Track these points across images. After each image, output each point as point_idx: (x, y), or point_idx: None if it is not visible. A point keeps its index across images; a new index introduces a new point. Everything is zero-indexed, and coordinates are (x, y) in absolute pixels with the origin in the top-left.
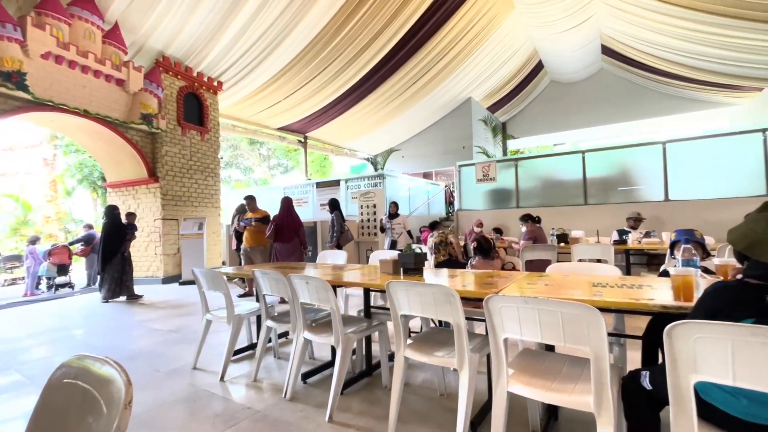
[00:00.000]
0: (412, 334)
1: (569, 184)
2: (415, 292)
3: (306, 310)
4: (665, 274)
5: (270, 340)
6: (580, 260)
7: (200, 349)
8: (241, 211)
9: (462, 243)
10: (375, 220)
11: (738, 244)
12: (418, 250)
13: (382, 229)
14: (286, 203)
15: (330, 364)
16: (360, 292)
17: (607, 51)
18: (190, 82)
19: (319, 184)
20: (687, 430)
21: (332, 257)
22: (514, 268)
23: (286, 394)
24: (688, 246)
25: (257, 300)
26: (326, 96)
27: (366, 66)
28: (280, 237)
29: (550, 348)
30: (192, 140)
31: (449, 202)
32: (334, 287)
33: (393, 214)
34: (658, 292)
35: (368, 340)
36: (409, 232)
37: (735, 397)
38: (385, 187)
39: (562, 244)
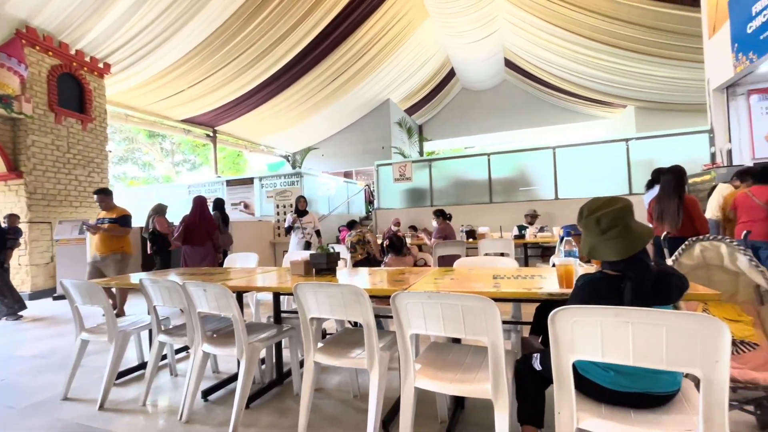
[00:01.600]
0: (328, 336)
1: (477, 183)
2: (324, 293)
3: (209, 320)
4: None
5: (165, 357)
6: (486, 254)
7: (73, 374)
8: (157, 211)
9: (380, 241)
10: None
11: (586, 253)
12: (331, 250)
13: (289, 230)
14: (199, 202)
15: (237, 377)
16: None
17: (509, 64)
18: (67, 60)
19: (230, 182)
20: (567, 402)
21: (243, 260)
22: (425, 264)
23: (181, 416)
24: (569, 239)
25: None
26: (238, 87)
27: (281, 60)
28: (190, 239)
29: (457, 339)
30: (70, 129)
31: (369, 201)
32: (241, 293)
33: (302, 211)
34: (547, 281)
35: (279, 347)
36: (317, 232)
37: (605, 370)
38: (303, 185)
39: (471, 240)
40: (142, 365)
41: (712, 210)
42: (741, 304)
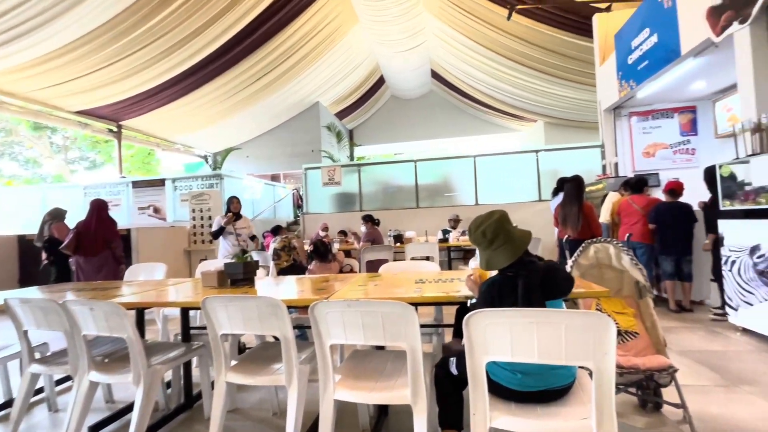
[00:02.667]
0: (247, 349)
1: (405, 189)
2: (236, 306)
3: (100, 343)
4: None
5: (42, 390)
6: (412, 258)
7: None
8: (55, 216)
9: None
10: (210, 225)
11: (484, 267)
12: (249, 258)
13: (218, 234)
14: (96, 206)
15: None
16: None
17: (435, 75)
18: None
19: (137, 184)
20: (481, 403)
21: (148, 272)
22: (351, 270)
23: None
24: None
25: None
26: (149, 79)
27: (200, 52)
28: (83, 248)
29: (380, 345)
30: None
31: (298, 206)
32: (142, 310)
33: (237, 215)
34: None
35: (188, 367)
36: (253, 237)
37: (513, 373)
38: (223, 188)
39: (398, 244)
40: (9, 403)
41: (604, 215)
42: (625, 298)
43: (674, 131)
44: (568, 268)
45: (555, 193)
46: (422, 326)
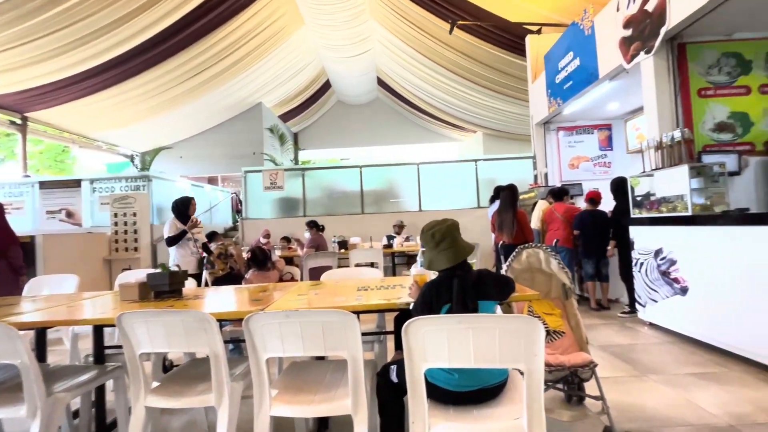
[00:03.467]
0: (174, 367)
1: (350, 194)
2: (159, 322)
3: None
4: None
5: None
6: (356, 264)
7: None
8: None
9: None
10: (135, 231)
11: (426, 266)
12: (174, 267)
13: (176, 240)
14: None
15: None
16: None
17: (381, 83)
18: None
19: (45, 184)
20: (420, 409)
21: (55, 285)
22: (292, 279)
23: None
24: (424, 249)
25: None
26: (64, 67)
27: (127, 42)
28: None
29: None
30: None
31: (237, 210)
32: (43, 330)
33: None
34: (406, 290)
35: (101, 392)
36: (204, 246)
37: (450, 374)
38: (151, 191)
39: (342, 250)
40: None
41: (534, 222)
42: (553, 300)
43: (594, 146)
44: (503, 272)
45: (492, 200)
46: (364, 334)
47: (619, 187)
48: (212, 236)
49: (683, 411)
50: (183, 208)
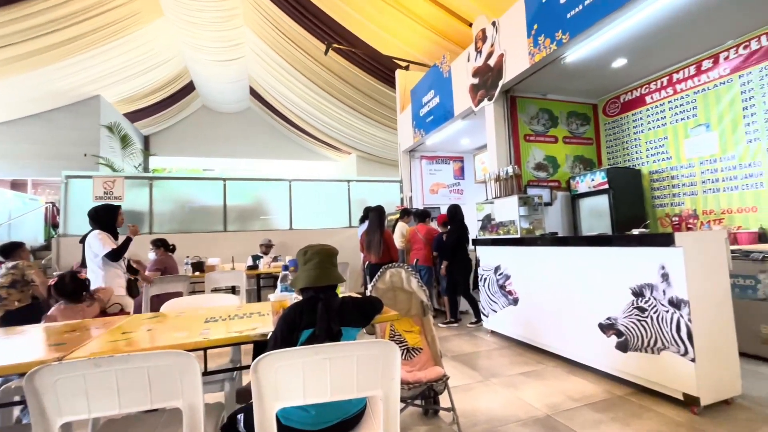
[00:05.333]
0: None
1: (210, 209)
2: None
3: None
4: None
5: None
6: (214, 290)
7: None
8: None
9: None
10: None
11: (295, 285)
12: None
13: (123, 251)
14: None
15: None
16: None
17: (254, 94)
18: None
19: None
20: None
21: None
22: (122, 311)
23: None
24: (287, 273)
25: None
26: None
27: None
28: None
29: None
30: None
31: (53, 224)
32: None
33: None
34: (265, 318)
35: None
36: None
37: (306, 411)
38: None
39: (198, 273)
40: None
41: (398, 241)
42: (413, 317)
43: (450, 175)
44: (368, 292)
45: (362, 220)
46: (213, 372)
47: (452, 214)
48: (6, 252)
49: (515, 408)
50: (108, 218)
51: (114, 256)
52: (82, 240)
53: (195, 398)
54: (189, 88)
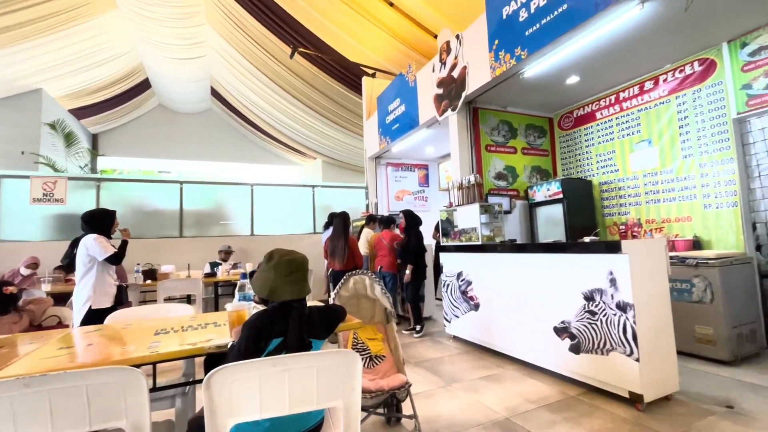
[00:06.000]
0: None
1: (165, 214)
2: None
3: None
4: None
5: None
6: (167, 299)
7: None
8: None
9: None
10: None
11: (262, 291)
12: None
13: (123, 254)
14: None
15: None
16: None
17: (215, 94)
18: None
19: None
20: None
21: None
22: (60, 324)
23: None
24: (245, 281)
25: None
26: None
27: None
28: None
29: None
30: None
31: None
32: None
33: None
34: (221, 329)
35: None
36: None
37: (258, 424)
38: None
39: (149, 281)
40: None
41: (363, 248)
42: (377, 324)
43: (415, 182)
44: (331, 300)
45: (326, 226)
46: (161, 388)
47: (410, 219)
48: None
49: (476, 412)
50: (104, 223)
51: (115, 259)
52: (73, 243)
53: (141, 417)
54: (144, 86)
